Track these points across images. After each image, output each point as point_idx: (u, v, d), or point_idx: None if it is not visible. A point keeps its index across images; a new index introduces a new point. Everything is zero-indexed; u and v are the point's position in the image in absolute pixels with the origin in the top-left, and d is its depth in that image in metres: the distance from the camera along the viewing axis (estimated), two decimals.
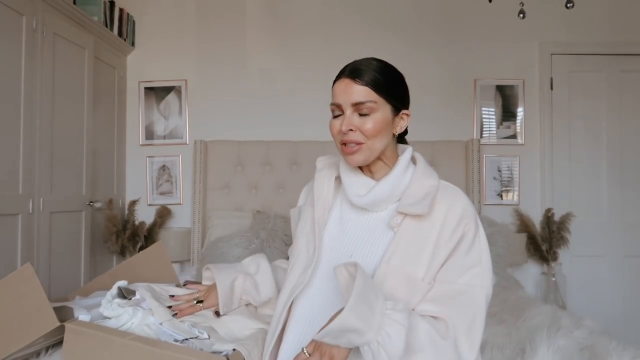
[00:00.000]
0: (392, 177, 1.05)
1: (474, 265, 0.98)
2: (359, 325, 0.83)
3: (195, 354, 0.97)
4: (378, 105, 1.02)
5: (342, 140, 1.04)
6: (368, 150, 1.03)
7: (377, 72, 1.03)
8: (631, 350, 1.34)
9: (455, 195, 1.04)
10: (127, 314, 1.06)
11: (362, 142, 1.02)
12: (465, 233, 0.99)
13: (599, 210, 3.20)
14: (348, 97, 1.02)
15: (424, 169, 1.08)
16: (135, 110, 3.25)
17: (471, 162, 3.03)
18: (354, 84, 1.01)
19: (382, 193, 1.04)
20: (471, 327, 0.94)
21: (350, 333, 0.83)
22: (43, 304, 1.06)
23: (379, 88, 1.02)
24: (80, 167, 2.64)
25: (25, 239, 2.18)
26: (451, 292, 0.96)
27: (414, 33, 3.23)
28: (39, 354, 1.12)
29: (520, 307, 1.97)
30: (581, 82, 3.24)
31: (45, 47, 2.32)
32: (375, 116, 1.02)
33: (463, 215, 1.00)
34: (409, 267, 0.97)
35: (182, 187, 3.23)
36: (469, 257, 0.98)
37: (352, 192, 1.07)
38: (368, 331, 0.83)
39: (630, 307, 3.14)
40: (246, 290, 1.21)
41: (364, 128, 1.01)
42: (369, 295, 0.85)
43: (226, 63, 3.24)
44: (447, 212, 1.00)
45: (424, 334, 0.90)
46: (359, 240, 1.06)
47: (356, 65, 1.04)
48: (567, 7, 2.01)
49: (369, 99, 1.01)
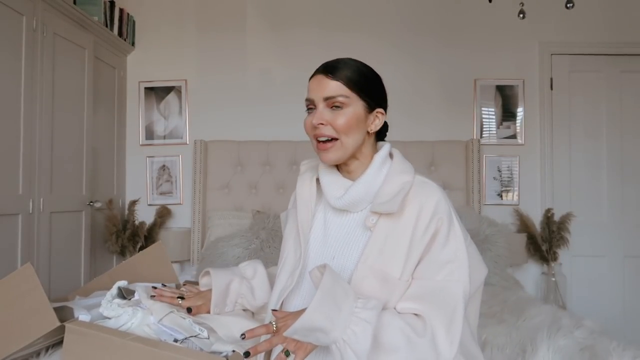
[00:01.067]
0: (367, 177, 1.05)
1: (450, 260, 0.97)
2: (323, 323, 0.84)
3: (194, 355, 0.97)
4: (350, 100, 1.02)
5: (314, 134, 1.04)
6: (342, 148, 1.03)
7: (350, 69, 1.04)
8: (631, 350, 1.34)
9: (428, 190, 1.02)
10: (127, 314, 1.06)
11: (335, 137, 1.02)
12: (438, 228, 0.98)
13: (599, 210, 3.20)
14: (320, 91, 1.03)
15: (399, 164, 1.07)
16: (135, 110, 3.25)
17: (471, 162, 3.03)
18: (326, 79, 1.02)
19: (357, 193, 1.04)
20: (451, 323, 0.93)
21: (317, 332, 0.84)
22: (43, 304, 1.06)
23: (351, 83, 1.02)
24: (80, 167, 2.64)
25: (25, 239, 2.18)
26: (429, 289, 0.96)
27: (414, 33, 3.23)
28: (39, 354, 1.12)
29: (520, 307, 1.97)
30: (581, 82, 3.24)
31: (45, 47, 2.32)
32: (347, 111, 1.02)
33: (436, 210, 0.99)
34: (386, 266, 0.97)
35: (182, 187, 3.23)
36: (444, 252, 0.98)
37: (330, 194, 1.07)
38: (333, 329, 0.84)
39: (630, 307, 3.14)
40: (242, 293, 1.21)
41: (335, 123, 1.01)
42: (337, 293, 0.86)
43: (226, 63, 3.24)
44: (420, 208, 0.99)
45: (399, 332, 0.90)
46: (340, 243, 1.06)
47: (331, 63, 1.05)
48: (567, 7, 2.01)
49: (340, 93, 1.01)
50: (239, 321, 1.15)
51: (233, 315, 1.18)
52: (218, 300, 1.16)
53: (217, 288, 1.17)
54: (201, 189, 3.01)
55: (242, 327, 1.14)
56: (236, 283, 1.20)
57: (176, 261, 3.00)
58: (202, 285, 1.25)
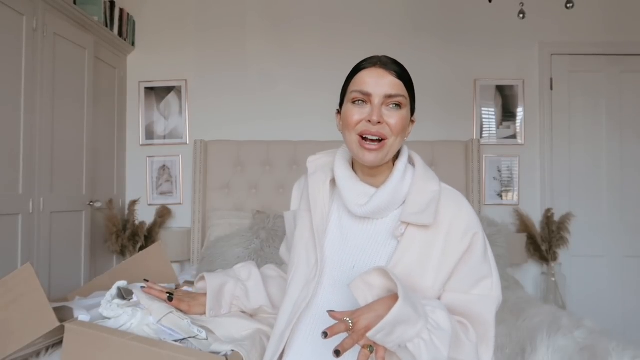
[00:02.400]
0: (392, 184, 1.01)
1: (486, 276, 0.97)
2: (412, 314, 0.80)
3: (194, 354, 0.97)
4: (406, 102, 0.99)
5: (363, 131, 0.97)
6: (388, 150, 0.99)
7: (403, 69, 1.01)
8: (631, 350, 1.34)
9: (458, 202, 1.01)
10: (127, 314, 1.06)
11: (386, 138, 0.97)
12: (473, 243, 0.97)
13: (599, 210, 3.20)
14: (382, 87, 0.97)
15: (423, 171, 1.04)
16: (135, 110, 3.25)
17: (471, 162, 3.03)
18: (389, 75, 0.98)
19: (382, 201, 1.00)
20: (485, 336, 0.94)
21: (404, 325, 0.80)
22: (43, 304, 1.06)
23: (408, 85, 1.00)
24: (80, 167, 2.64)
25: (25, 239, 2.18)
26: (465, 302, 0.95)
27: (413, 33, 3.23)
28: (39, 354, 1.12)
29: (520, 307, 1.97)
30: (581, 82, 3.24)
31: (45, 47, 2.32)
32: (403, 112, 0.98)
33: (469, 224, 0.98)
34: (415, 276, 0.95)
35: (182, 187, 3.23)
36: (482, 267, 0.97)
37: (351, 202, 1.02)
38: (419, 319, 0.81)
39: (630, 307, 3.14)
40: (236, 295, 1.17)
41: (391, 122, 0.97)
42: (406, 288, 0.84)
43: (226, 63, 3.24)
44: (452, 220, 0.98)
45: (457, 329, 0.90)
46: (361, 250, 1.01)
47: (389, 58, 1.01)
48: (567, 7, 2.01)
49: (402, 92, 0.98)
50: (236, 321, 1.14)
51: (230, 316, 1.17)
52: (213, 303, 1.13)
53: (211, 290, 1.14)
54: (201, 189, 3.01)
55: (240, 327, 1.13)
56: (231, 285, 1.17)
57: (176, 261, 3.00)
58: (197, 290, 1.22)
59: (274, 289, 1.22)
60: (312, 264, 1.04)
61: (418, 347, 0.82)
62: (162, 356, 0.94)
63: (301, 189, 1.19)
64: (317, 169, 1.13)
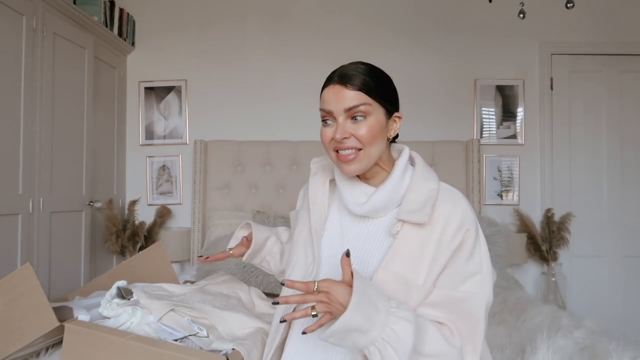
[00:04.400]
0: (391, 183, 1.02)
1: (475, 272, 0.96)
2: (362, 323, 0.81)
3: (194, 353, 0.97)
4: (372, 108, 0.98)
5: (335, 147, 1.00)
6: (366, 158, 0.99)
7: (366, 75, 0.99)
8: (631, 350, 1.34)
9: (455, 200, 1.00)
10: (126, 313, 1.06)
11: (359, 148, 0.98)
12: (465, 239, 0.96)
13: (599, 210, 3.20)
14: (340, 103, 0.98)
15: (423, 170, 1.05)
16: (135, 110, 3.25)
17: (471, 162, 3.03)
18: (345, 90, 0.98)
19: (381, 201, 1.01)
20: (473, 334, 0.93)
21: (355, 332, 0.82)
22: (43, 304, 1.06)
23: (371, 91, 0.98)
24: (80, 167, 2.64)
25: (25, 239, 2.18)
26: (453, 299, 0.95)
27: (413, 33, 3.23)
28: (39, 354, 1.13)
29: (520, 307, 1.97)
30: (581, 82, 3.24)
31: (45, 47, 2.32)
32: (370, 120, 0.98)
33: (463, 221, 0.97)
34: (408, 272, 0.95)
35: (182, 187, 3.23)
36: (470, 264, 0.96)
37: (350, 201, 1.04)
38: (372, 329, 0.82)
39: (630, 307, 3.14)
40: (273, 252, 1.27)
41: (359, 134, 0.97)
42: (370, 294, 0.84)
43: (226, 63, 3.24)
44: (447, 218, 0.98)
45: (433, 339, 0.89)
46: (358, 249, 1.03)
47: (344, 71, 1.00)
48: (567, 7, 2.01)
49: (361, 102, 0.97)
50: (239, 318, 1.16)
51: (234, 311, 1.18)
52: (253, 251, 1.24)
53: (256, 240, 1.24)
54: (201, 189, 3.01)
55: (242, 324, 1.15)
56: (272, 241, 1.27)
57: (176, 261, 3.00)
58: (234, 238, 1.31)
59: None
60: (309, 261, 1.06)
61: (374, 354, 0.83)
62: (162, 355, 0.94)
63: (305, 189, 1.22)
64: (318, 170, 1.16)
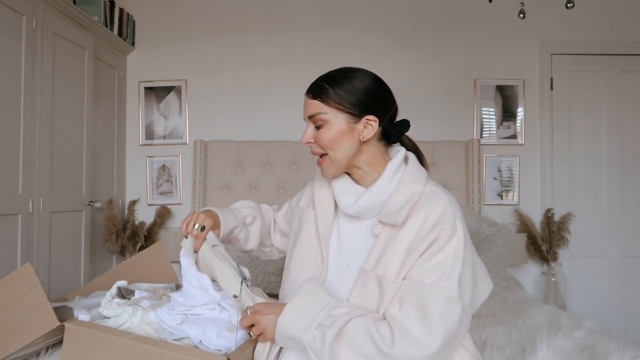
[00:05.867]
0: (379, 185, 1.05)
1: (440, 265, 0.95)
2: (291, 331, 0.94)
3: (194, 353, 0.97)
4: (328, 116, 1.04)
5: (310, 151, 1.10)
6: (334, 163, 1.07)
7: (328, 84, 1.05)
8: (631, 350, 1.34)
9: (436, 200, 1.01)
10: (127, 313, 1.06)
11: (325, 153, 1.07)
12: (439, 236, 0.97)
13: (599, 210, 3.20)
14: (305, 111, 1.08)
15: (412, 172, 1.06)
16: (135, 110, 3.25)
17: (471, 162, 3.03)
18: (308, 99, 1.07)
19: (368, 202, 1.05)
20: (425, 313, 0.91)
21: (289, 339, 0.95)
22: (43, 304, 1.06)
23: (328, 100, 1.04)
24: (80, 167, 2.64)
25: (25, 239, 2.18)
26: (414, 287, 0.94)
27: (414, 33, 3.23)
28: (39, 354, 1.12)
29: (520, 307, 1.97)
30: (581, 82, 3.24)
31: (45, 47, 2.32)
32: (328, 127, 1.05)
33: (440, 219, 0.98)
34: (384, 272, 0.97)
35: (182, 187, 3.23)
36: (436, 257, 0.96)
37: (342, 201, 1.09)
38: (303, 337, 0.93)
39: (630, 307, 3.14)
40: (238, 239, 1.31)
41: (319, 140, 1.06)
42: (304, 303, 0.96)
43: (226, 63, 3.23)
44: (424, 219, 0.98)
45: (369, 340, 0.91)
46: (352, 250, 1.07)
47: (314, 81, 1.09)
48: (567, 7, 2.01)
49: (318, 111, 1.05)
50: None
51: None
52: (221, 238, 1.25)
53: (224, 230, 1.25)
54: (201, 189, 3.01)
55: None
56: (238, 229, 1.29)
57: (176, 261, 2.99)
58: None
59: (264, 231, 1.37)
60: (318, 263, 1.09)
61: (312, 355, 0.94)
62: (163, 355, 0.94)
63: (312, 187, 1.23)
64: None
